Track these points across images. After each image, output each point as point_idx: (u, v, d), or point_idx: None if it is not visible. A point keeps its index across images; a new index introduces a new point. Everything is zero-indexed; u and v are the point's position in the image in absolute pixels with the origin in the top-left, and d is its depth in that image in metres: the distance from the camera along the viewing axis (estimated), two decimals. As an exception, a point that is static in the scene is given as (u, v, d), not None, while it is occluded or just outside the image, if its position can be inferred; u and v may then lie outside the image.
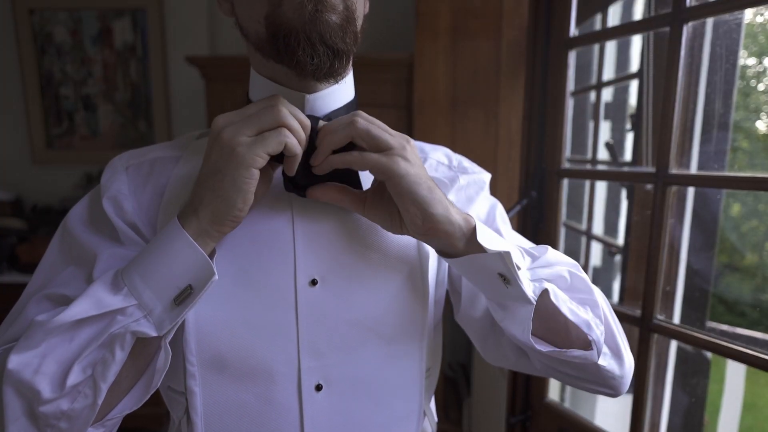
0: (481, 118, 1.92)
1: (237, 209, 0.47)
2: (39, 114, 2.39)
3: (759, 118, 1.56)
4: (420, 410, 0.61)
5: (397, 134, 0.50)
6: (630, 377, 0.59)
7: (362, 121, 0.49)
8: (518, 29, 1.86)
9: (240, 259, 0.53)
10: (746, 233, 1.76)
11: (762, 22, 1.39)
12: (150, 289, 0.47)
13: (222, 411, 0.53)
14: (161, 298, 0.47)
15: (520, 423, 1.23)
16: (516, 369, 0.65)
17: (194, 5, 2.32)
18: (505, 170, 1.95)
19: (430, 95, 1.90)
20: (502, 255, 0.49)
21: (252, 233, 0.54)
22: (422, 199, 0.49)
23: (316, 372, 0.54)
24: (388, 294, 0.57)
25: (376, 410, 0.57)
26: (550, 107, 1.11)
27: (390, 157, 0.48)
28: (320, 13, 0.46)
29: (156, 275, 0.47)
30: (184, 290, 0.47)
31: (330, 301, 0.55)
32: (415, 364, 0.59)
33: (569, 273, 0.55)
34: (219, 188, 0.47)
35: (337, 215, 0.56)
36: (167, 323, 0.47)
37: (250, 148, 0.46)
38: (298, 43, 0.47)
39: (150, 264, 0.48)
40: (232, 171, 0.46)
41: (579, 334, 0.54)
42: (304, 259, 0.54)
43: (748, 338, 1.31)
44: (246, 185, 0.46)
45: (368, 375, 0.56)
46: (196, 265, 0.47)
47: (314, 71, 0.49)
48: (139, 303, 0.47)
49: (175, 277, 0.47)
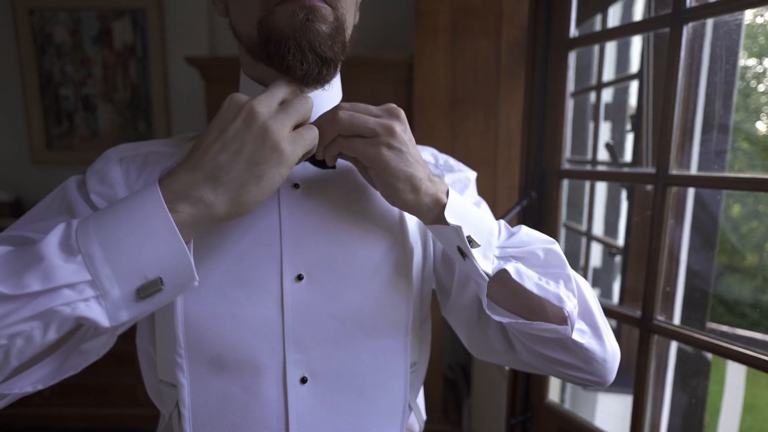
0: (481, 118, 1.92)
1: (257, 203, 0.46)
2: (39, 114, 2.39)
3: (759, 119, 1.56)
4: (404, 404, 0.62)
5: (384, 113, 0.51)
6: (615, 364, 0.59)
7: (344, 114, 0.50)
8: (518, 29, 1.86)
9: (228, 254, 0.54)
10: (746, 234, 1.76)
11: (762, 23, 1.39)
12: (110, 266, 0.40)
13: (209, 403, 0.54)
14: (121, 284, 0.41)
15: (520, 424, 1.23)
16: (504, 363, 0.65)
17: (194, 5, 2.32)
18: (504, 170, 1.95)
19: (430, 95, 1.90)
20: (455, 229, 0.51)
21: (240, 228, 0.55)
22: (394, 188, 0.51)
23: (301, 365, 0.55)
24: (373, 290, 0.58)
25: (360, 403, 0.58)
26: (550, 108, 1.11)
27: (374, 146, 0.50)
28: (311, 22, 0.48)
29: (120, 251, 0.41)
30: (152, 283, 0.42)
31: (316, 296, 0.56)
32: (400, 359, 0.60)
33: (543, 250, 0.55)
34: (248, 178, 0.44)
35: (324, 211, 0.57)
36: (124, 315, 0.41)
37: (293, 147, 0.46)
38: (289, 49, 0.48)
39: (116, 235, 0.41)
40: (273, 168, 0.45)
41: (555, 312, 0.54)
42: (290, 254, 0.55)
43: (748, 339, 1.31)
44: (278, 183, 0.46)
45: (352, 368, 0.58)
46: (173, 259, 0.42)
47: (303, 77, 0.50)
48: (93, 280, 0.40)
49: (144, 263, 0.41)
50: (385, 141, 0.50)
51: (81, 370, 0.49)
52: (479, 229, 0.53)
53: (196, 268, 0.52)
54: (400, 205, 0.53)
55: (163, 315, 0.55)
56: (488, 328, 0.62)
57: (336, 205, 0.58)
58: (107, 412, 2.17)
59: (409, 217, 0.62)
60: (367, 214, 0.59)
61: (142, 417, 2.16)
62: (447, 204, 0.52)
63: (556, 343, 0.55)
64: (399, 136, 0.51)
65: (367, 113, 0.51)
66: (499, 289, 0.54)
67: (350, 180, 0.59)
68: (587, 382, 0.59)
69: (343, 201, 0.58)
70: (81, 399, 2.17)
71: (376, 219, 0.59)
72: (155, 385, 0.60)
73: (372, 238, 0.58)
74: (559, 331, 0.52)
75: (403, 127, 0.51)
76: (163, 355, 0.57)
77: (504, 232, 0.57)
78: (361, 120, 0.50)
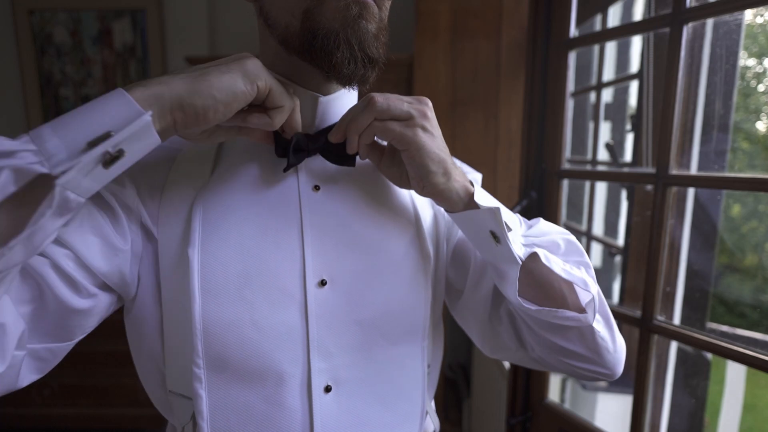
0: (481, 119, 1.92)
1: (214, 110, 0.44)
2: (38, 115, 2.39)
3: (759, 119, 1.56)
4: (423, 409, 0.61)
5: (415, 100, 0.51)
6: (623, 355, 0.59)
7: (379, 98, 0.49)
8: (518, 29, 1.86)
9: (247, 259, 0.52)
10: (746, 234, 1.76)
11: (762, 23, 1.39)
12: (58, 137, 0.39)
13: (228, 415, 0.52)
14: (69, 145, 0.39)
15: (520, 424, 1.23)
16: (515, 361, 0.65)
17: (194, 5, 2.32)
18: (505, 171, 1.95)
19: (430, 95, 1.89)
20: (492, 211, 0.51)
21: (259, 232, 0.53)
22: (428, 171, 0.51)
23: (325, 373, 0.54)
24: (393, 294, 0.57)
25: (382, 410, 0.57)
26: (550, 108, 1.11)
27: (411, 128, 0.50)
28: (363, 19, 0.47)
29: (71, 124, 0.40)
30: (101, 136, 0.40)
31: (339, 302, 0.54)
32: (418, 364, 0.60)
33: (563, 240, 0.57)
34: (211, 71, 0.44)
35: (345, 214, 0.56)
36: (66, 163, 0.39)
37: (262, 72, 0.46)
38: (338, 46, 0.47)
39: (67, 117, 0.40)
40: (236, 72, 0.45)
41: (574, 301, 0.55)
42: (312, 259, 0.54)
43: (748, 339, 1.31)
44: (238, 87, 0.44)
45: (375, 375, 0.56)
46: (123, 114, 0.41)
47: (349, 75, 0.49)
48: (38, 149, 0.38)
49: (95, 125, 0.40)
50: (420, 123, 0.50)
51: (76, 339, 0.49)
52: (507, 216, 0.53)
53: (212, 269, 0.51)
54: (431, 189, 0.53)
55: (176, 324, 0.53)
56: (499, 326, 0.62)
57: (356, 206, 0.57)
58: (107, 412, 2.17)
59: (423, 218, 0.61)
60: (386, 214, 0.59)
61: (142, 417, 2.16)
62: (475, 189, 0.53)
63: (574, 333, 0.56)
64: (432, 119, 0.51)
65: (398, 99, 0.51)
66: (523, 279, 0.53)
67: (369, 179, 0.59)
68: (597, 374, 0.59)
69: (362, 202, 0.58)
70: (81, 399, 2.17)
71: (395, 221, 0.59)
72: (163, 396, 0.57)
73: (391, 239, 0.58)
74: (581, 319, 0.53)
75: (432, 113, 0.52)
76: (175, 366, 0.54)
77: (523, 224, 0.58)
78: (397, 103, 0.50)
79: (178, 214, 0.53)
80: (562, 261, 0.55)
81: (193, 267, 0.50)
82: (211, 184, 0.54)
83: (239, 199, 0.54)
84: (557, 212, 1.13)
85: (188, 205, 0.53)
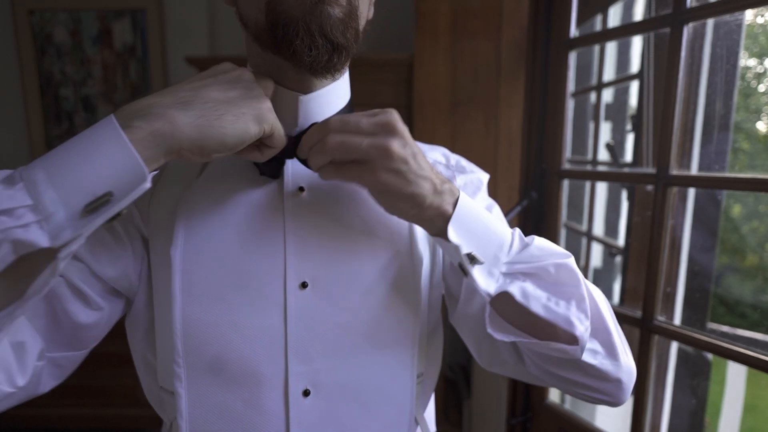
0: (481, 119, 1.92)
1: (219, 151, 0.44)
2: (38, 115, 2.39)
3: (759, 119, 1.56)
4: (410, 418, 0.59)
5: (379, 129, 0.47)
6: (630, 384, 0.56)
7: (334, 139, 0.47)
8: (518, 29, 1.86)
9: (229, 260, 0.52)
10: (747, 234, 1.76)
11: (762, 23, 1.39)
12: (55, 188, 0.37)
13: (207, 414, 0.52)
14: (68, 203, 0.37)
15: (521, 424, 1.23)
16: (513, 375, 0.63)
17: (194, 5, 2.32)
18: (505, 171, 1.95)
19: (430, 95, 1.90)
20: (455, 247, 0.49)
21: (242, 234, 0.53)
22: (396, 208, 0.50)
23: (304, 377, 0.53)
24: (380, 298, 0.55)
25: (364, 416, 0.56)
26: (550, 108, 1.11)
27: (371, 172, 0.47)
28: (322, 4, 0.45)
29: (68, 174, 0.37)
30: (100, 197, 0.38)
31: (320, 305, 0.53)
32: (406, 371, 0.58)
33: (555, 265, 0.51)
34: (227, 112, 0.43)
35: (330, 216, 0.55)
36: (68, 233, 0.37)
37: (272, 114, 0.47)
38: (297, 33, 0.45)
39: (62, 159, 0.38)
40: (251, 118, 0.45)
41: (565, 332, 0.51)
42: (295, 260, 0.53)
43: (748, 339, 1.31)
44: (250, 135, 0.45)
45: (357, 380, 0.55)
46: (124, 169, 0.39)
47: (311, 63, 0.47)
48: (34, 204, 0.36)
49: (93, 179, 0.38)
50: (382, 164, 0.46)
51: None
52: (486, 243, 0.50)
53: (193, 269, 0.52)
54: (403, 218, 0.52)
55: (162, 323, 0.53)
56: (497, 340, 0.59)
57: (342, 209, 0.56)
58: (108, 412, 2.17)
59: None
60: (374, 219, 0.56)
61: (142, 417, 2.16)
62: (452, 217, 0.50)
63: (567, 362, 0.53)
64: (397, 155, 0.46)
65: (358, 131, 0.47)
66: (506, 305, 0.52)
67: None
68: (599, 401, 0.57)
69: (349, 205, 0.56)
70: (81, 400, 2.17)
71: (383, 223, 0.57)
72: (156, 391, 0.58)
73: (379, 243, 0.56)
74: (569, 351, 0.50)
75: (401, 141, 0.47)
76: (163, 363, 0.55)
77: (517, 243, 0.53)
78: (353, 144, 0.46)
79: (165, 214, 0.54)
80: (548, 295, 0.50)
81: (175, 267, 0.51)
82: (197, 185, 0.54)
83: (223, 201, 0.54)
84: (557, 212, 1.13)
85: (174, 206, 0.54)
